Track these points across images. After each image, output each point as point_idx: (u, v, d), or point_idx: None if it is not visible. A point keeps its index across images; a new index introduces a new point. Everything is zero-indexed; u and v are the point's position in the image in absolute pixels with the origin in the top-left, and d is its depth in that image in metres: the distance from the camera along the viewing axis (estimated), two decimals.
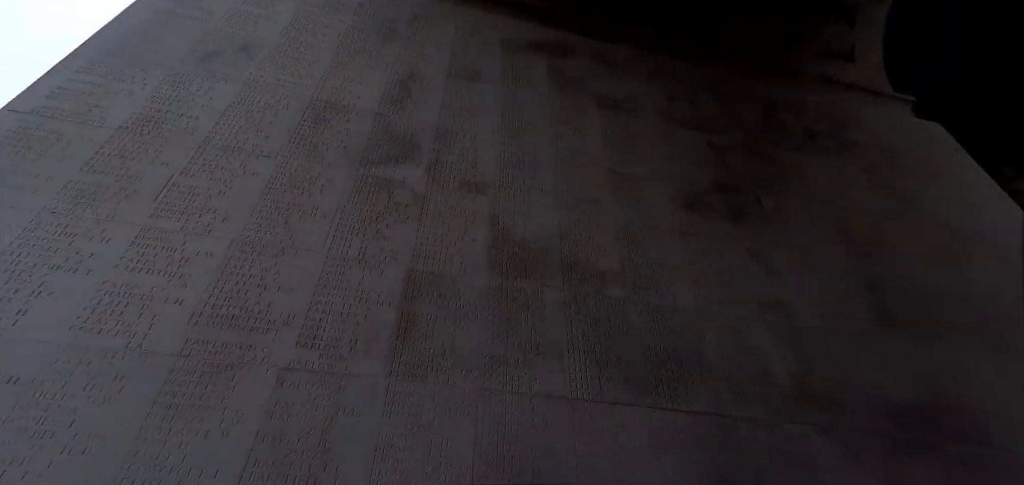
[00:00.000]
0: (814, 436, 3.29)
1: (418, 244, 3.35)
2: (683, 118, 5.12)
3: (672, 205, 4.27)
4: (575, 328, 3.29)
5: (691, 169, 4.63)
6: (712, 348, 3.50)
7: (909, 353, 3.93)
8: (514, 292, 3.33)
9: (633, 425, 2.97)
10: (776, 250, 4.25)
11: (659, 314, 3.55)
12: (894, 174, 5.48)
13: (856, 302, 4.16)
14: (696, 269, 3.91)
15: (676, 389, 3.21)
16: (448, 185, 3.76)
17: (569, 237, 3.76)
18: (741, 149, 5.04)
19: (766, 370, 3.51)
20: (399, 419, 2.65)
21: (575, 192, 4.07)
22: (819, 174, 5.12)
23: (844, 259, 4.44)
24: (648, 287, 3.68)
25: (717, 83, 5.71)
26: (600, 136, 4.61)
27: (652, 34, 5.83)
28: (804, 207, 4.72)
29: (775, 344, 3.67)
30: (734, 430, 3.14)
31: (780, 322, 3.82)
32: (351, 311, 2.93)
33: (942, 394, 3.77)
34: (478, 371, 2.92)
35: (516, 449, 2.69)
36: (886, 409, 3.55)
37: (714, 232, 4.20)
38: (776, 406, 3.34)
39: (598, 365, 3.16)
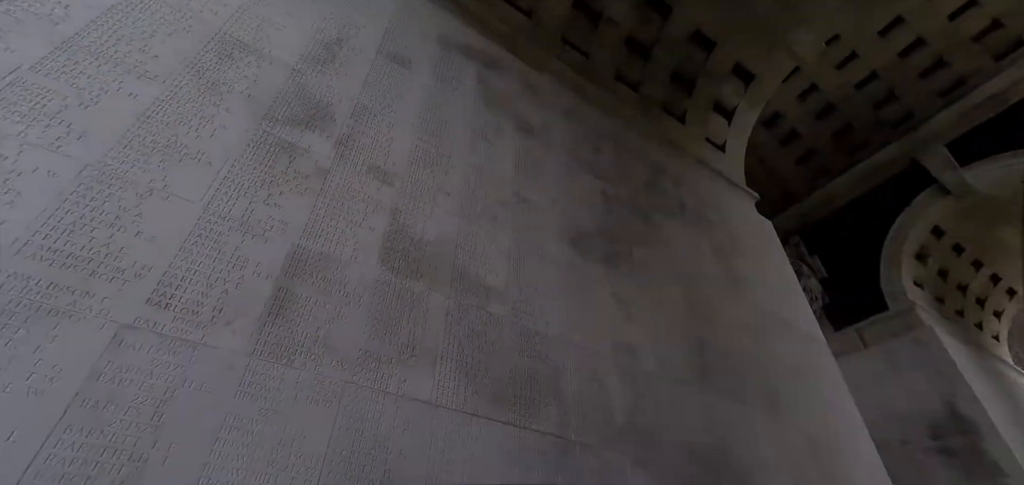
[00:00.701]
0: (631, 466, 3.50)
1: (312, 220, 2.96)
2: (585, 161, 5.19)
3: (560, 239, 4.29)
4: (453, 337, 3.14)
5: (582, 210, 4.70)
6: (568, 376, 3.57)
7: (714, 405, 4.35)
8: (401, 291, 3.09)
9: (488, 438, 2.90)
10: (636, 299, 4.47)
11: (530, 337, 3.53)
12: (733, 254, 6.08)
13: (686, 356, 4.52)
14: (569, 302, 3.96)
15: (530, 409, 3.21)
16: (355, 166, 3.38)
17: (464, 247, 3.59)
18: (626, 203, 5.24)
19: (607, 403, 3.66)
20: (253, 402, 2.30)
21: (478, 205, 3.90)
22: (680, 241, 5.50)
23: (683, 318, 4.81)
24: (525, 310, 3.65)
25: (620, 137, 5.88)
26: (512, 157, 4.48)
27: (579, 66, 5.83)
28: (664, 267, 5.03)
29: (619, 381, 3.85)
30: (570, 453, 3.22)
31: (626, 362, 4.01)
32: (221, 276, 2.49)
33: (729, 442, 4.22)
34: (349, 364, 2.65)
35: (372, 448, 2.49)
36: (688, 449, 3.89)
37: (590, 272, 4.30)
38: (607, 435, 3.49)
39: (467, 376, 3.05)
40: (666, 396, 4.10)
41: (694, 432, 4.04)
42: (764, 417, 4.76)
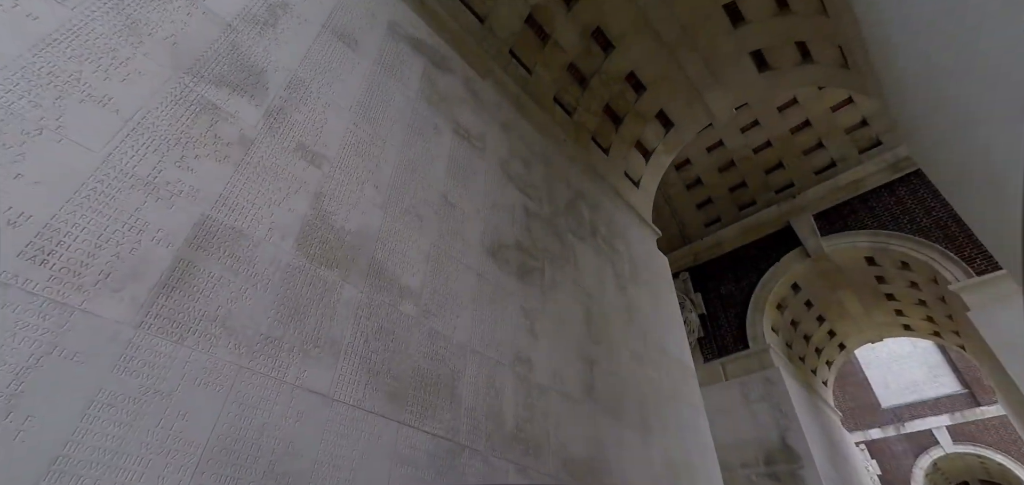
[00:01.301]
0: (514, 473, 3.71)
1: (227, 191, 2.77)
2: (514, 175, 5.32)
3: (480, 247, 4.39)
4: (360, 332, 3.12)
5: (505, 222, 4.83)
6: (467, 382, 3.69)
7: (595, 421, 4.72)
8: (314, 278, 3.00)
9: (381, 436, 2.93)
10: (542, 315, 4.70)
11: (436, 340, 3.60)
12: (632, 283, 6.59)
13: (577, 374, 4.84)
14: (479, 310, 4.08)
15: (427, 411, 3.28)
16: (284, 141, 3.20)
17: (385, 243, 3.55)
18: (546, 221, 5.46)
19: (500, 411, 3.84)
20: (133, 378, 2.14)
21: (405, 202, 3.87)
22: (588, 265, 5.85)
23: (581, 338, 5.15)
24: (436, 313, 3.70)
25: (549, 157, 6.10)
26: (445, 160, 4.49)
27: (521, 81, 5.94)
28: (571, 287, 5.33)
29: (514, 391, 4.04)
30: (458, 456, 3.35)
31: (523, 374, 4.22)
32: (113, 238, 2.26)
33: (602, 456, 4.61)
34: (247, 348, 2.54)
35: (259, 437, 2.42)
36: (565, 460, 4.19)
37: (504, 284, 4.45)
38: (495, 442, 3.66)
39: (369, 373, 3.05)
40: (554, 409, 4.38)
41: (574, 445, 4.37)
42: (636, 436, 5.25)
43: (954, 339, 11.40)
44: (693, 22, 5.85)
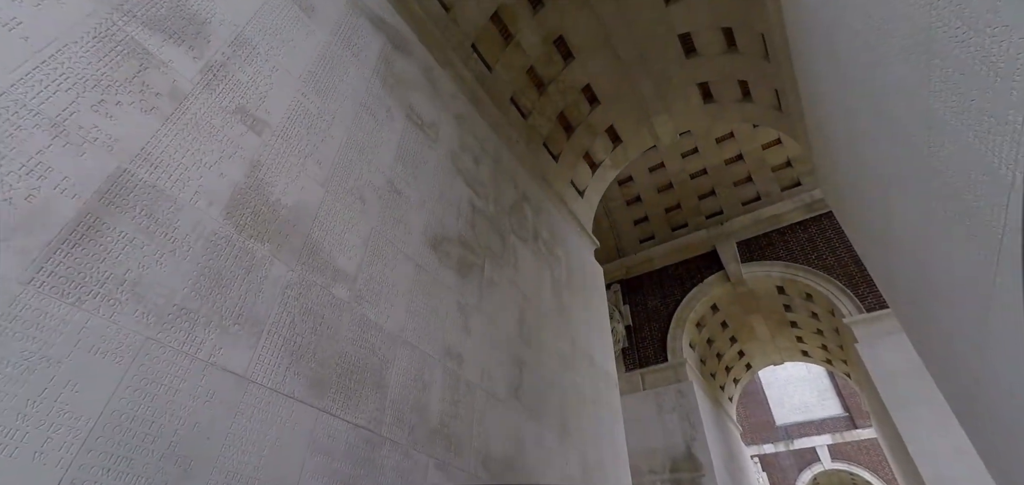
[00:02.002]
0: (433, 468, 3.69)
1: (150, 145, 2.53)
2: (463, 169, 5.27)
3: (422, 238, 4.31)
4: (286, 312, 2.96)
5: (450, 216, 4.78)
6: (395, 373, 3.61)
7: (517, 421, 4.79)
8: (242, 251, 2.81)
9: (298, 422, 2.81)
10: (477, 312, 4.70)
11: (367, 328, 3.49)
12: (566, 289, 6.75)
13: (506, 373, 4.89)
14: (414, 301, 4.00)
15: (350, 400, 3.18)
16: (222, 101, 2.96)
17: (323, 223, 3.40)
18: (490, 219, 5.46)
19: (426, 405, 3.80)
20: (16, 341, 1.91)
21: (349, 183, 3.72)
22: (528, 267, 5.92)
23: (513, 338, 5.20)
24: (370, 300, 3.59)
25: (500, 156, 6.09)
26: (395, 145, 4.36)
27: (480, 77, 5.88)
28: (508, 287, 5.37)
29: (442, 386, 4.01)
30: (378, 448, 3.28)
31: (453, 369, 4.20)
32: (6, 181, 2.00)
33: (521, 456, 4.69)
34: (156, 318, 2.34)
35: (161, 416, 2.24)
36: (485, 457, 4.23)
37: (442, 277, 4.40)
38: (418, 436, 3.62)
39: (292, 356, 2.90)
40: (480, 407, 4.39)
41: (495, 443, 4.41)
42: (555, 437, 5.39)
43: (842, 367, 12.68)
44: (650, 47, 6.06)
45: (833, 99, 3.94)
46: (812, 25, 3.72)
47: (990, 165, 2.14)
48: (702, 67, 6.09)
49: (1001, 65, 1.78)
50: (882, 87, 2.87)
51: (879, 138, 3.23)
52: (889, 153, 3.15)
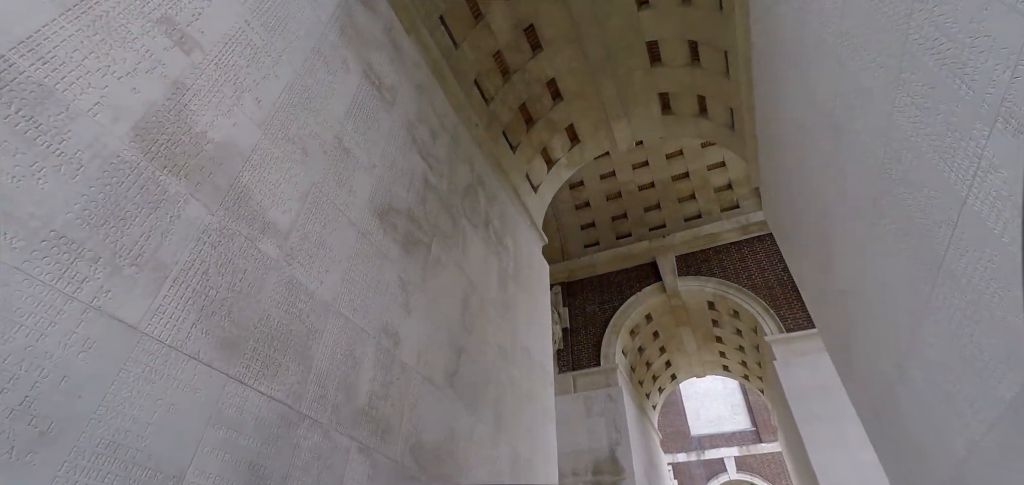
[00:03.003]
0: (355, 452, 3.35)
1: (42, 36, 2.04)
2: (419, 141, 4.93)
3: (368, 204, 3.94)
4: (200, 260, 2.53)
5: (400, 186, 4.43)
6: (323, 345, 3.25)
7: (451, 409, 4.53)
8: (150, 181, 2.36)
9: (200, 388, 2.40)
10: (417, 292, 4.39)
11: (296, 291, 3.10)
12: (512, 282, 6.56)
13: (444, 359, 4.61)
14: (353, 270, 3.64)
15: (267, 369, 2.80)
16: (145, 5, 2.48)
17: (256, 168, 2.97)
18: (442, 198, 5.16)
19: (354, 383, 3.45)
20: None
21: (291, 130, 3.30)
22: (476, 253, 5.67)
23: (455, 324, 4.92)
24: (302, 261, 3.20)
25: (458, 135, 5.80)
26: (348, 101, 3.96)
27: (446, 51, 5.55)
28: (454, 271, 5.09)
29: (374, 365, 3.68)
30: (296, 426, 2.91)
31: (388, 348, 3.87)
32: None
33: (452, 445, 4.43)
34: (24, 243, 1.87)
35: (17, 363, 1.79)
36: (413, 445, 3.93)
37: (385, 249, 4.05)
38: (342, 416, 3.28)
39: (201, 312, 2.48)
40: (413, 391, 4.09)
41: (426, 430, 4.12)
42: (488, 430, 5.17)
43: (758, 382, 13.41)
44: (618, 50, 6.00)
45: (790, 115, 4.00)
46: (780, 38, 3.74)
47: (946, 181, 2.16)
48: (665, 77, 6.12)
49: (975, 78, 1.76)
50: (844, 101, 2.90)
51: (833, 153, 3.28)
52: (842, 169, 3.21)
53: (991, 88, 1.70)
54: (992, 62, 1.66)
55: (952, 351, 2.64)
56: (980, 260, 2.12)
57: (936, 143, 2.13)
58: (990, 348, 2.29)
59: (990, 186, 1.88)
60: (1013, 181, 1.73)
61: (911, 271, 2.73)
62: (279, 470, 2.76)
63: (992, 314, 2.16)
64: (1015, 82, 1.58)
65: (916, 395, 3.30)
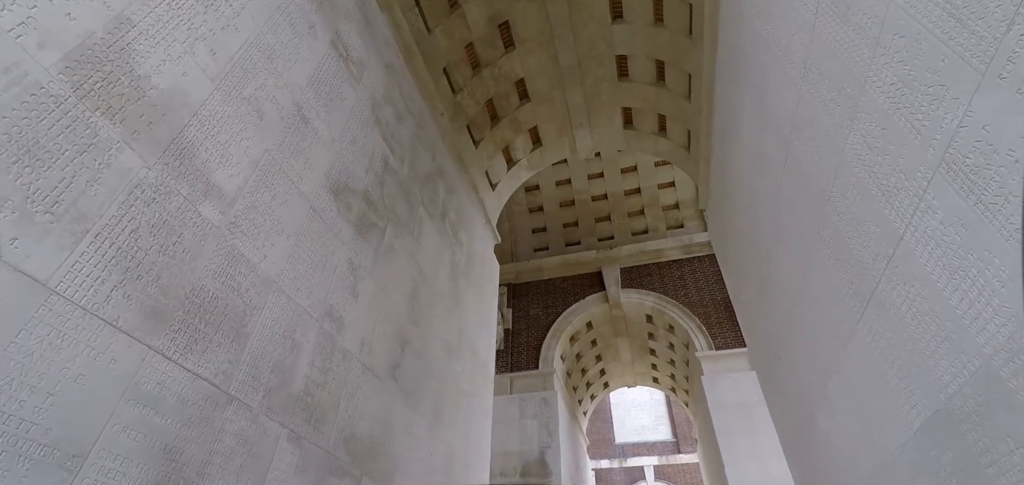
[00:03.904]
0: (285, 441, 3.15)
1: None
2: (383, 122, 4.73)
3: (324, 179, 3.72)
4: (132, 215, 2.27)
5: (359, 166, 4.22)
6: (261, 324, 3.02)
7: (390, 402, 4.37)
8: (78, 122, 2.08)
9: (117, 359, 2.14)
10: (367, 277, 4.20)
11: (236, 263, 2.86)
12: (463, 277, 6.46)
13: (387, 349, 4.44)
14: (300, 247, 3.42)
15: (196, 345, 2.55)
16: None
17: (206, 123, 2.71)
18: (402, 183, 4.98)
19: (290, 367, 3.24)
20: None
21: (247, 88, 3.05)
22: (430, 244, 5.53)
23: (402, 314, 4.76)
24: (247, 232, 2.96)
25: (424, 121, 5.63)
26: (312, 68, 3.72)
27: (418, 35, 5.36)
28: (406, 260, 4.93)
29: (314, 349, 3.47)
30: (222, 408, 2.68)
31: (331, 333, 3.67)
32: None
33: (387, 439, 4.28)
34: None
35: None
36: (348, 437, 3.76)
37: (337, 229, 3.84)
38: (274, 401, 3.07)
39: (126, 273, 2.22)
40: (353, 380, 3.91)
41: (363, 422, 3.95)
42: (426, 426, 5.05)
43: (684, 396, 14.10)
44: (588, 59, 6.08)
45: (745, 141, 4.21)
46: (744, 65, 3.92)
47: (886, 217, 2.34)
48: (630, 92, 6.27)
49: (925, 124, 1.91)
50: (799, 133, 3.08)
51: (783, 181, 3.48)
52: (790, 196, 3.41)
53: (938, 135, 1.85)
54: (942, 111, 1.80)
55: (872, 376, 2.87)
56: (908, 293, 2.31)
57: (881, 182, 2.30)
58: (907, 377, 2.50)
59: (927, 226, 2.04)
60: (948, 223, 1.90)
61: (844, 299, 2.94)
62: (198, 455, 2.52)
63: (914, 345, 2.36)
64: (961, 131, 1.73)
65: (834, 416, 3.57)
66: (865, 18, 2.16)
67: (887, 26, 2.01)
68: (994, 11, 1.46)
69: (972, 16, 1.55)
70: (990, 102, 1.55)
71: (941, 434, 2.30)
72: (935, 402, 2.29)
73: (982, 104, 1.59)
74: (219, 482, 2.65)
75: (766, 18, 3.33)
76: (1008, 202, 1.56)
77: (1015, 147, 1.48)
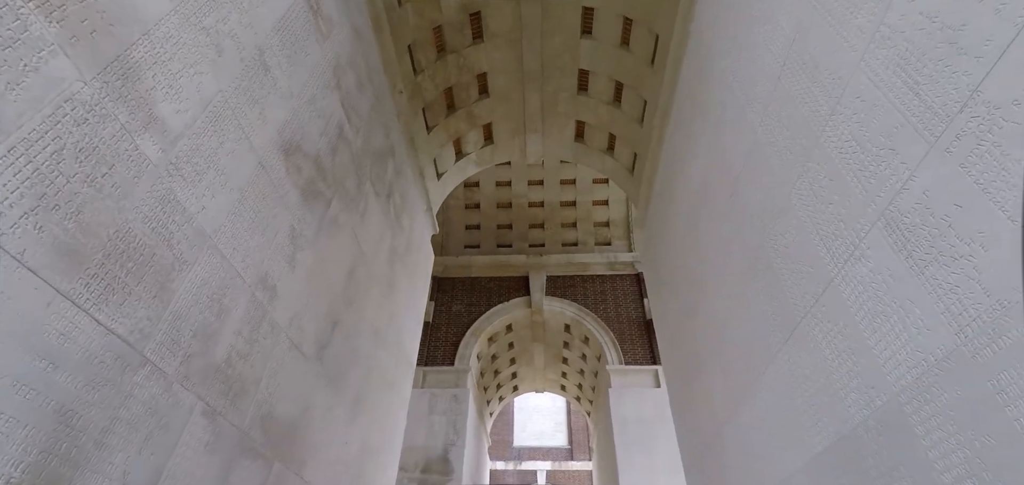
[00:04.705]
0: (199, 414, 2.85)
1: None
2: (344, 88, 4.44)
3: (277, 135, 3.41)
4: (56, 134, 1.92)
5: (314, 128, 3.93)
6: (189, 281, 2.70)
7: (313, 384, 4.12)
8: (12, 13, 1.73)
9: (16, 298, 1.82)
10: (307, 248, 3.92)
11: (170, 209, 2.53)
12: (400, 263, 6.24)
13: (318, 328, 4.17)
14: (243, 204, 3.11)
15: (113, 294, 2.22)
16: None
17: (158, 45, 2.36)
18: (355, 154, 4.70)
19: (215, 334, 2.93)
20: None
21: (209, 18, 2.70)
22: (374, 223, 5.28)
23: (337, 292, 4.49)
24: (187, 177, 2.63)
25: (383, 95, 5.36)
26: (280, 13, 3.38)
27: (388, 6, 5.09)
28: (349, 236, 4.67)
29: (243, 318, 3.17)
30: (134, 370, 2.36)
31: (262, 303, 3.37)
32: None
33: (306, 422, 4.02)
34: None
35: None
36: (265, 415, 3.48)
37: (283, 191, 3.54)
38: (192, 370, 2.76)
39: (40, 200, 1.88)
40: (279, 356, 3.62)
41: (283, 402, 3.67)
42: (346, 412, 4.80)
43: (588, 405, 14.76)
44: (552, 68, 6.19)
45: (695, 170, 4.51)
46: (703, 100, 4.20)
47: (820, 260, 2.65)
48: (587, 107, 6.48)
49: (871, 181, 2.19)
50: (749, 172, 3.36)
51: (727, 214, 3.78)
52: (731, 229, 3.72)
53: (882, 193, 2.14)
54: (889, 172, 2.08)
55: (784, 403, 3.22)
56: (830, 331, 2.63)
57: (821, 228, 2.61)
58: (817, 405, 2.84)
59: (858, 273, 2.35)
60: (878, 272, 2.19)
61: (769, 330, 3.28)
62: (98, 422, 2.19)
63: (828, 378, 2.69)
64: (904, 192, 2.01)
65: (741, 436, 3.95)
66: (830, 78, 2.44)
67: (850, 88, 2.29)
68: (950, 92, 1.73)
69: (930, 93, 1.82)
70: (934, 171, 1.83)
71: (841, 459, 2.63)
72: (840, 430, 2.62)
73: (927, 171, 1.87)
74: (119, 455, 2.32)
75: (732, 61, 3.62)
76: (936, 260, 1.85)
77: (950, 213, 1.76)
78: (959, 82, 1.66)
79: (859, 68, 2.20)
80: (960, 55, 1.64)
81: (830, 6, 2.34)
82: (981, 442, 1.71)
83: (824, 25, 2.41)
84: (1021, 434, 1.56)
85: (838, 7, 2.28)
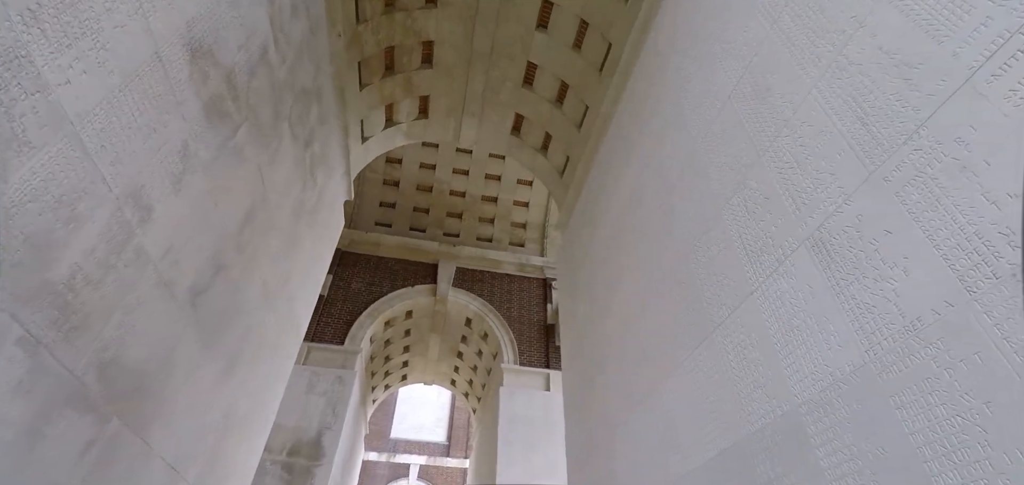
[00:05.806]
0: (14, 343, 2.23)
1: None
2: (276, 3, 3.82)
3: (185, 27, 2.79)
4: None
5: (234, 36, 3.29)
6: (32, 169, 2.10)
7: (181, 333, 3.50)
8: None
9: None
10: (201, 171, 3.29)
11: (18, 70, 1.93)
12: (306, 220, 5.59)
13: (197, 268, 3.53)
14: (125, 96, 2.48)
15: None
16: None
17: None
18: (274, 86, 4.06)
19: (58, 243, 2.37)
20: None
21: None
22: (284, 168, 4.63)
23: (229, 235, 3.86)
24: (49, 35, 2.02)
25: (316, 31, 4.73)
26: None
27: None
28: (252, 172, 4.03)
29: (100, 234, 2.56)
30: None
31: (131, 222, 2.76)
32: None
33: (163, 375, 3.39)
34: None
35: None
36: (109, 361, 2.87)
37: (182, 96, 2.92)
38: (22, 282, 2.17)
39: None
40: (141, 292, 2.96)
41: (136, 347, 3.01)
42: (215, 374, 4.14)
43: (475, 402, 14.64)
44: (501, 54, 5.99)
45: (627, 180, 4.55)
46: (647, 112, 4.27)
47: (743, 274, 2.70)
48: (529, 102, 6.38)
49: (805, 203, 2.31)
50: (685, 187, 3.44)
51: (655, 222, 3.82)
52: (656, 237, 3.77)
53: (814, 215, 2.25)
54: (825, 195, 2.20)
55: (683, 408, 3.32)
56: (738, 342, 2.75)
57: (749, 243, 2.72)
58: (717, 411, 2.94)
59: (778, 288, 2.45)
60: (798, 289, 2.31)
61: (681, 337, 3.37)
62: None
63: (733, 386, 2.80)
64: (836, 215, 2.12)
65: (634, 437, 4.04)
66: (781, 101, 2.55)
67: (800, 112, 2.40)
68: (896, 124, 1.85)
69: (878, 123, 1.94)
70: (870, 198, 1.95)
71: (734, 463, 2.75)
72: (735, 436, 2.74)
73: (863, 198, 1.99)
74: None
75: (685, 78, 3.72)
76: (858, 280, 1.97)
77: (878, 238, 1.88)
78: (907, 116, 1.78)
79: (811, 94, 2.32)
80: (912, 91, 1.76)
81: (792, 34, 2.45)
82: (874, 453, 1.83)
83: (783, 51, 2.52)
84: (915, 449, 1.68)
85: (800, 35, 2.39)
